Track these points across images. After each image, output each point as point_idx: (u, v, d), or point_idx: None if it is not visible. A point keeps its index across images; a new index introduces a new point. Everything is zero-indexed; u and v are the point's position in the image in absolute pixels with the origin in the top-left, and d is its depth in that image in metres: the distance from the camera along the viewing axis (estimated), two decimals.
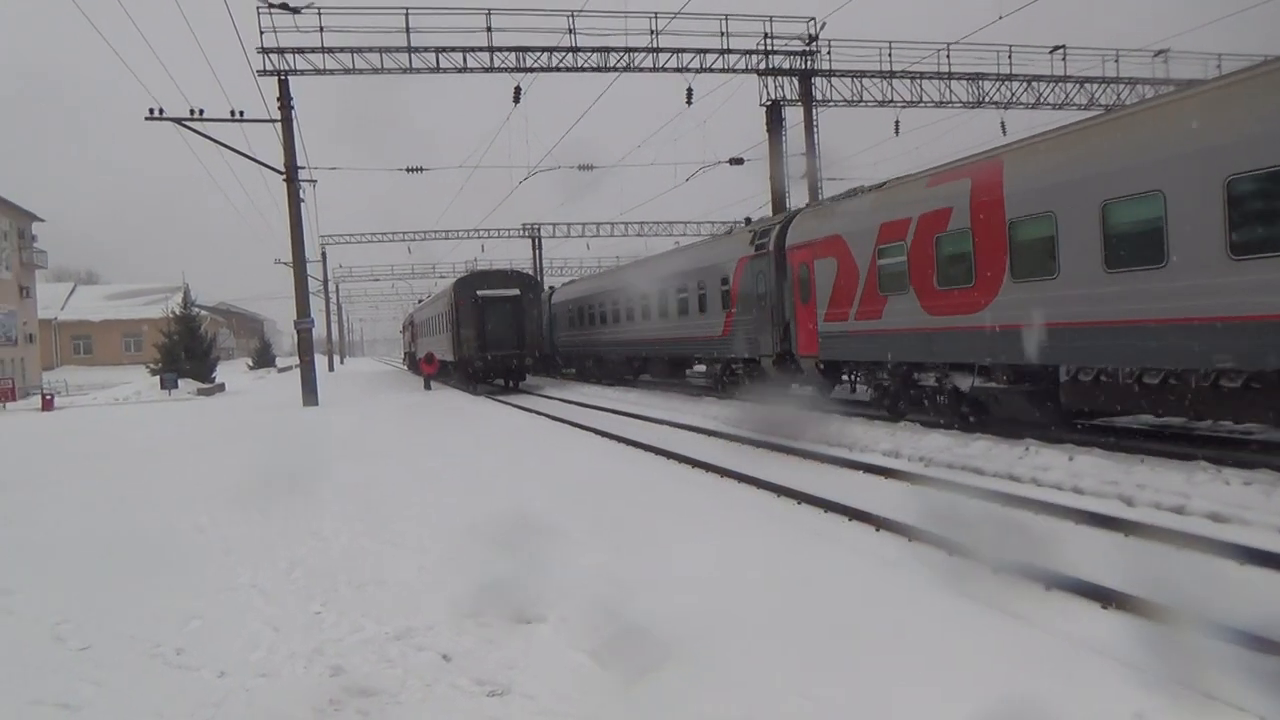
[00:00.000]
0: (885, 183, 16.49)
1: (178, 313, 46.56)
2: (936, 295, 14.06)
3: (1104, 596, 6.16)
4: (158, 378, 41.51)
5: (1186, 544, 7.44)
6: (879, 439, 14.03)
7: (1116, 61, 31.59)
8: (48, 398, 36.93)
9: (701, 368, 27.83)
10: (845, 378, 18.36)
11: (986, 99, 31.14)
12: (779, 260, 19.42)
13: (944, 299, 13.88)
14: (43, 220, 53.22)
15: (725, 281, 22.15)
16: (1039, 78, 31.28)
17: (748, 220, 26.19)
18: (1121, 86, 31.68)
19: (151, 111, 25.73)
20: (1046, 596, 6.43)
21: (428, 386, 36.75)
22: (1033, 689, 4.47)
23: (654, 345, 28.27)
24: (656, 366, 29.85)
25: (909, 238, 14.64)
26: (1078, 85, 31.52)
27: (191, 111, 25.96)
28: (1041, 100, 31.39)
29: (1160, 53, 31.35)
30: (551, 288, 46.22)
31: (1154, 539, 7.70)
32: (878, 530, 8.75)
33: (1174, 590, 5.98)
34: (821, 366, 18.09)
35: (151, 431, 23.33)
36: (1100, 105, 30.59)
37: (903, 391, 15.76)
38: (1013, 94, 31.23)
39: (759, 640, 5.32)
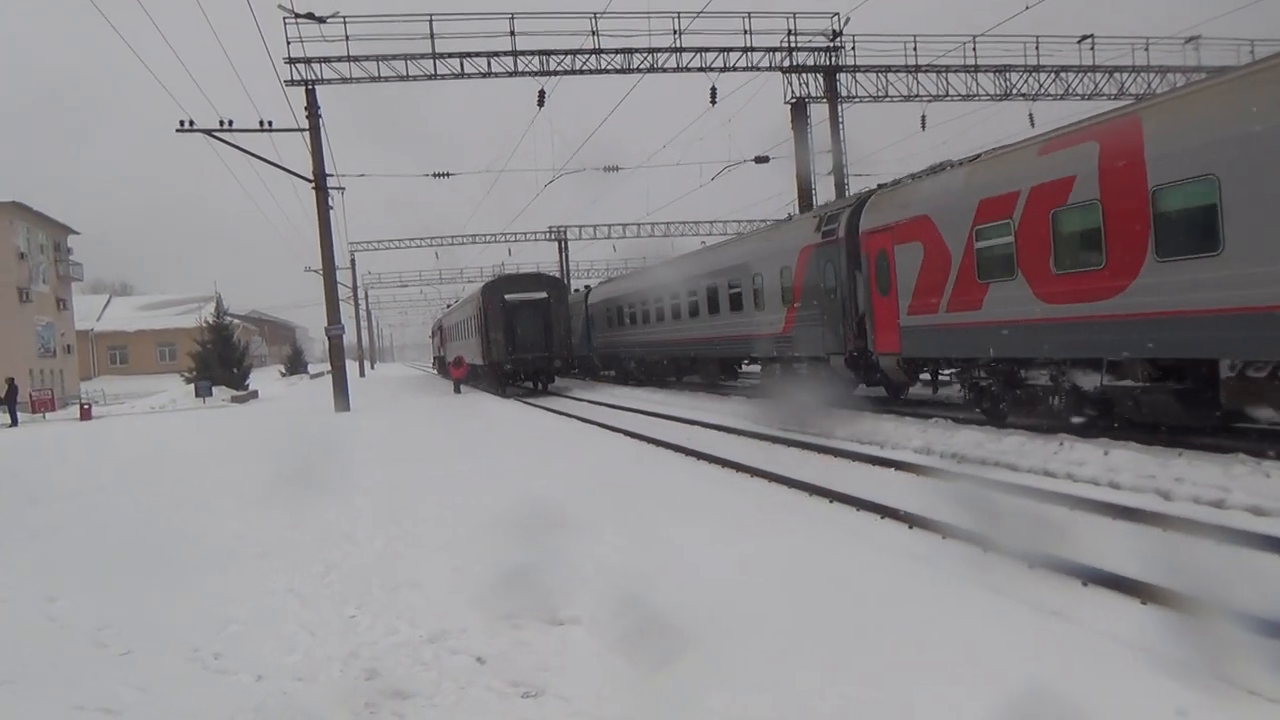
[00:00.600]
0: (979, 155, 14.60)
1: (211, 322, 47.19)
2: (1054, 280, 12.19)
3: (1142, 592, 6.08)
4: (192, 386, 42.10)
5: (1226, 538, 7.32)
6: (910, 436, 13.93)
7: (1146, 50, 31.16)
8: (86, 407, 37.56)
9: (750, 368, 26.72)
10: (924, 377, 16.97)
11: (1014, 91, 30.80)
12: (851, 247, 17.46)
13: (1064, 284, 12.01)
14: (78, 233, 54.16)
15: (786, 274, 20.16)
16: (1067, 68, 30.90)
17: (805, 210, 24.57)
18: (1152, 75, 31.24)
19: (182, 123, 26.09)
20: (1084, 592, 6.35)
21: (457, 390, 36.98)
22: (1072, 686, 4.41)
23: (703, 345, 26.48)
24: (706, 368, 27.97)
25: (1016, 215, 12.77)
26: (1107, 75, 31.11)
27: (221, 123, 26.29)
28: (1070, 91, 31.02)
29: (1191, 39, 30.88)
30: (587, 287, 44.96)
31: (1193, 533, 7.58)
32: (910, 528, 8.68)
33: (1214, 585, 5.88)
34: (903, 365, 16.40)
35: (187, 439, 23.65)
36: (1130, 95, 30.18)
37: (1006, 392, 13.96)
38: (1040, 85, 30.88)
39: (791, 640, 5.30)
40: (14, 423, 34.81)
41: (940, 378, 16.85)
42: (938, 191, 14.95)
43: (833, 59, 29.56)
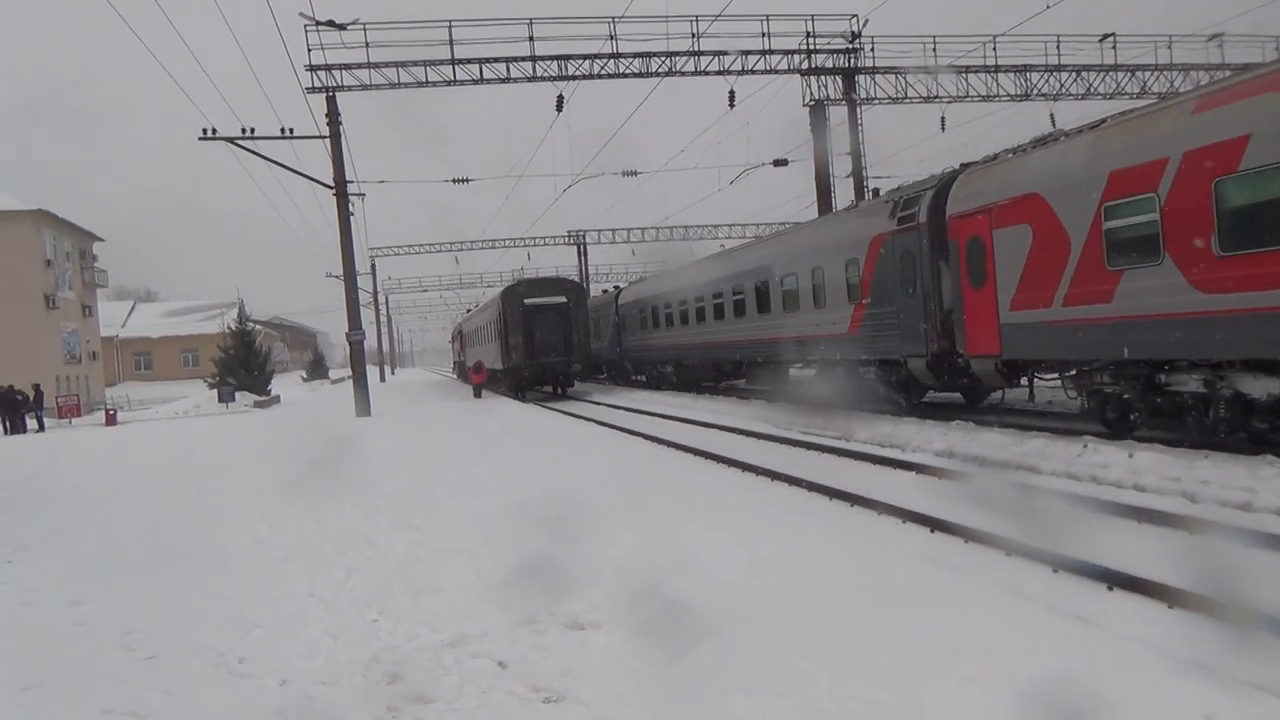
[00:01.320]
0: (1104, 120, 12.66)
1: (233, 328, 47.53)
2: (1217, 265, 10.05)
3: (1168, 596, 6.01)
4: (215, 391, 42.44)
5: (1253, 542, 7.23)
6: (932, 439, 13.85)
7: (1169, 48, 30.88)
8: (111, 413, 37.95)
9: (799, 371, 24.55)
10: (1023, 382, 15.26)
11: (1035, 91, 30.61)
12: (935, 234, 15.38)
13: (1232, 269, 9.86)
14: (103, 240, 54.78)
15: (852, 268, 17.92)
16: (1088, 67, 30.67)
17: (875, 192, 21.53)
18: (1175, 73, 30.96)
19: (205, 131, 26.35)
20: (1109, 596, 6.30)
21: (478, 395, 37.10)
22: (1097, 690, 4.37)
23: (749, 348, 24.20)
24: (754, 372, 26.10)
25: (1163, 187, 10.66)
26: (1129, 74, 30.86)
27: (243, 130, 26.53)
28: (1092, 90, 30.79)
29: (1215, 37, 30.58)
30: (617, 287, 43.37)
31: (1219, 537, 7.49)
32: (932, 531, 8.63)
33: (1241, 589, 5.81)
34: (1002, 369, 14.35)
35: (210, 444, 23.84)
36: (1153, 93, 29.92)
37: (1140, 400, 11.91)
38: (1062, 85, 30.67)
39: (812, 644, 5.28)
40: (41, 428, 35.23)
41: (1038, 380, 15.27)
42: (1051, 165, 12.93)
43: (851, 61, 29.48)
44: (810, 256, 20.21)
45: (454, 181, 38.01)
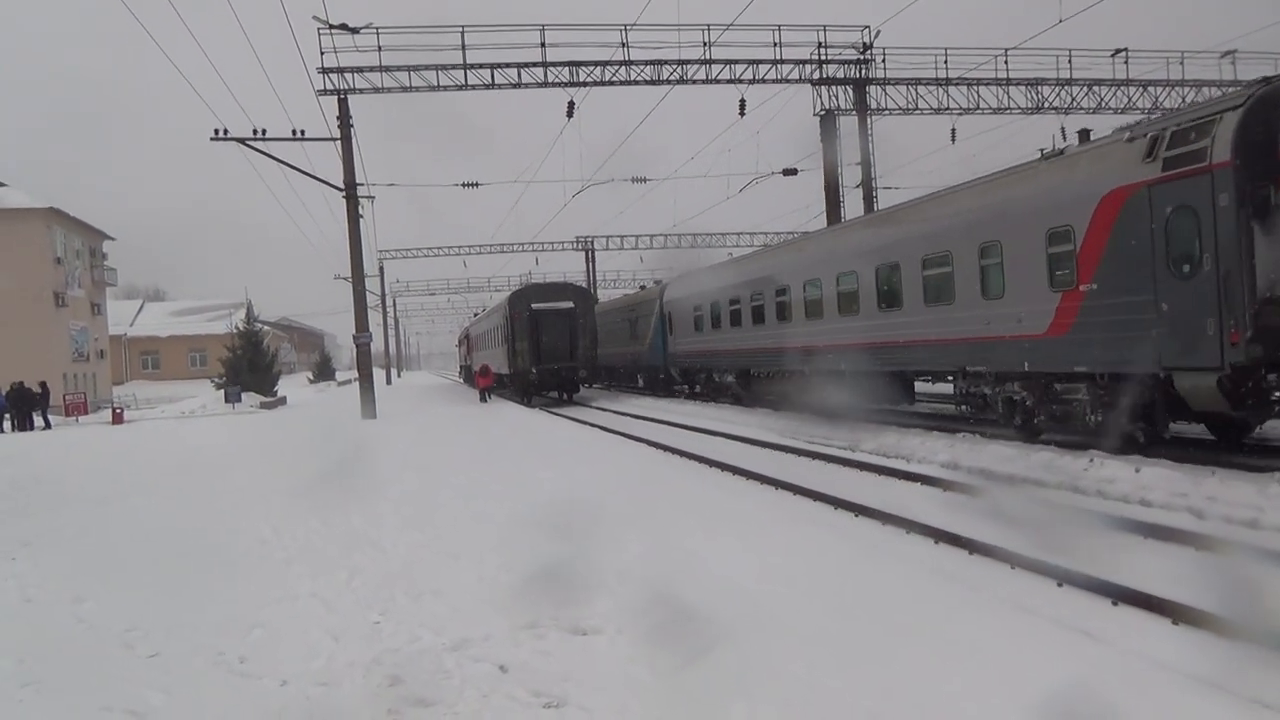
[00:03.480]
0: None
1: (241, 328, 47.63)
2: None
3: (1174, 611, 5.97)
4: (222, 391, 42.51)
5: (1260, 558, 7.18)
6: (937, 450, 13.81)
7: (1181, 63, 30.86)
8: (118, 411, 38.03)
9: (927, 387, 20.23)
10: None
11: (1046, 104, 30.60)
12: (1247, 180, 10.27)
13: None
14: (113, 239, 54.93)
15: (1060, 240, 12.70)
16: (1100, 82, 30.66)
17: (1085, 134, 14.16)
18: (1187, 89, 30.92)
19: (216, 132, 26.44)
20: (1114, 611, 6.26)
21: (484, 399, 37.12)
22: (1101, 705, 4.34)
23: (866, 355, 18.00)
24: (874, 386, 18.11)
25: None
26: (1141, 89, 30.84)
27: (255, 131, 26.61)
28: (1103, 105, 30.76)
29: (1228, 53, 30.54)
30: (658, 282, 37.43)
31: (1226, 553, 7.45)
32: (936, 543, 8.59)
33: (1247, 606, 5.77)
34: None
35: (216, 444, 23.86)
36: (1164, 108, 29.87)
37: None
38: (1073, 99, 30.65)
39: (815, 653, 5.25)
40: (46, 426, 35.31)
41: None
42: None
43: (863, 71, 29.51)
44: (976, 230, 14.58)
45: (463, 186, 38.07)
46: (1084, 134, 14.22)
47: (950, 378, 16.56)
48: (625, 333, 37.44)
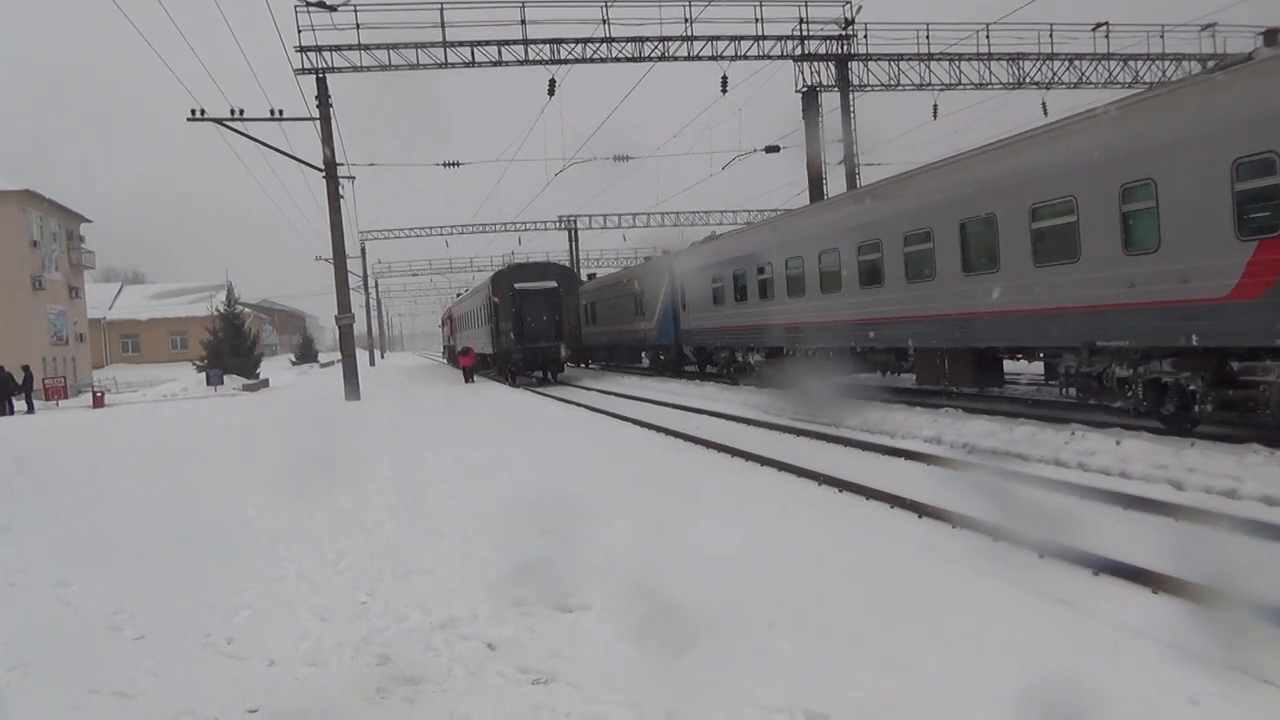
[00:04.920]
0: None
1: (222, 310, 47.35)
2: None
3: (1153, 581, 6.05)
4: (203, 374, 42.30)
5: (1238, 528, 7.28)
6: (920, 425, 13.90)
7: (1162, 37, 30.89)
8: (99, 395, 37.76)
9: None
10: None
11: (1027, 79, 30.61)
12: None
13: None
14: (90, 221, 54.30)
15: (1259, 170, 9.78)
16: (1081, 56, 30.68)
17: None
18: (1167, 63, 31.00)
19: (194, 112, 26.12)
20: (1094, 581, 6.34)
21: (468, 380, 37.09)
22: (1082, 673, 4.41)
23: (941, 327, 15.31)
24: (955, 366, 15.52)
25: None
26: (1121, 63, 30.88)
27: (232, 111, 26.33)
28: (1084, 79, 30.80)
29: (1207, 26, 30.62)
30: (666, 252, 33.56)
31: (1205, 523, 7.55)
32: (920, 517, 8.66)
33: (1226, 574, 5.85)
34: None
35: (199, 427, 23.76)
36: (1145, 82, 29.97)
37: None
38: (1054, 74, 30.67)
39: (801, 628, 5.30)
40: (30, 410, 35.04)
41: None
42: None
43: (844, 47, 29.42)
44: (1115, 169, 11.58)
45: (444, 165, 37.83)
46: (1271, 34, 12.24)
47: (1041, 356, 14.35)
48: (629, 309, 34.50)
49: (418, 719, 4.49)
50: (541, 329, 33.45)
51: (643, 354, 36.10)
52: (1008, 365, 15.92)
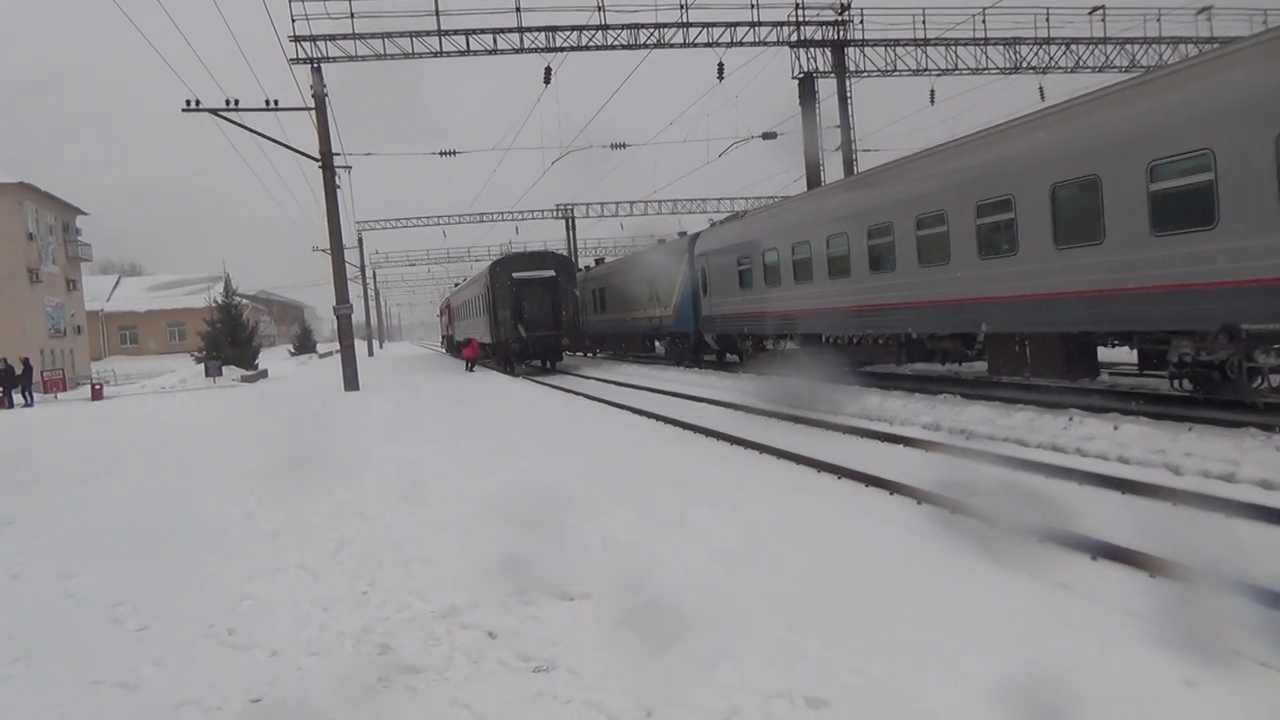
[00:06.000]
0: None
1: (220, 302, 47.29)
2: None
3: (1151, 565, 6.08)
4: (202, 366, 42.28)
5: (1236, 512, 7.31)
6: (919, 412, 13.92)
7: (1158, 21, 30.85)
8: (97, 387, 37.74)
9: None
10: None
11: (1024, 64, 30.56)
12: None
13: None
14: (86, 214, 54.18)
15: None
16: (1077, 40, 30.64)
17: None
18: (1164, 46, 30.94)
19: (189, 103, 26.02)
20: (1092, 566, 6.36)
21: (470, 368, 37.18)
22: (1080, 657, 4.44)
23: (1035, 310, 13.03)
24: (1041, 355, 13.41)
25: None
26: (1118, 47, 30.83)
27: (227, 102, 26.21)
28: (1081, 64, 30.75)
29: (1204, 9, 30.56)
30: (683, 233, 32.34)
31: (1202, 507, 7.57)
32: (919, 503, 8.68)
33: (1223, 559, 5.89)
34: None
35: (198, 419, 23.77)
36: (1141, 66, 29.91)
37: None
38: (1051, 58, 30.62)
39: (799, 614, 5.33)
40: (29, 403, 35.04)
41: None
42: None
43: (841, 33, 29.34)
44: (1268, 113, 9.48)
45: (440, 154, 37.78)
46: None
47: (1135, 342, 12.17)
48: (642, 295, 32.26)
49: (419, 708, 4.51)
50: (540, 318, 33.44)
51: (656, 343, 34.42)
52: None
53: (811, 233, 19.58)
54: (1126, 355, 13.54)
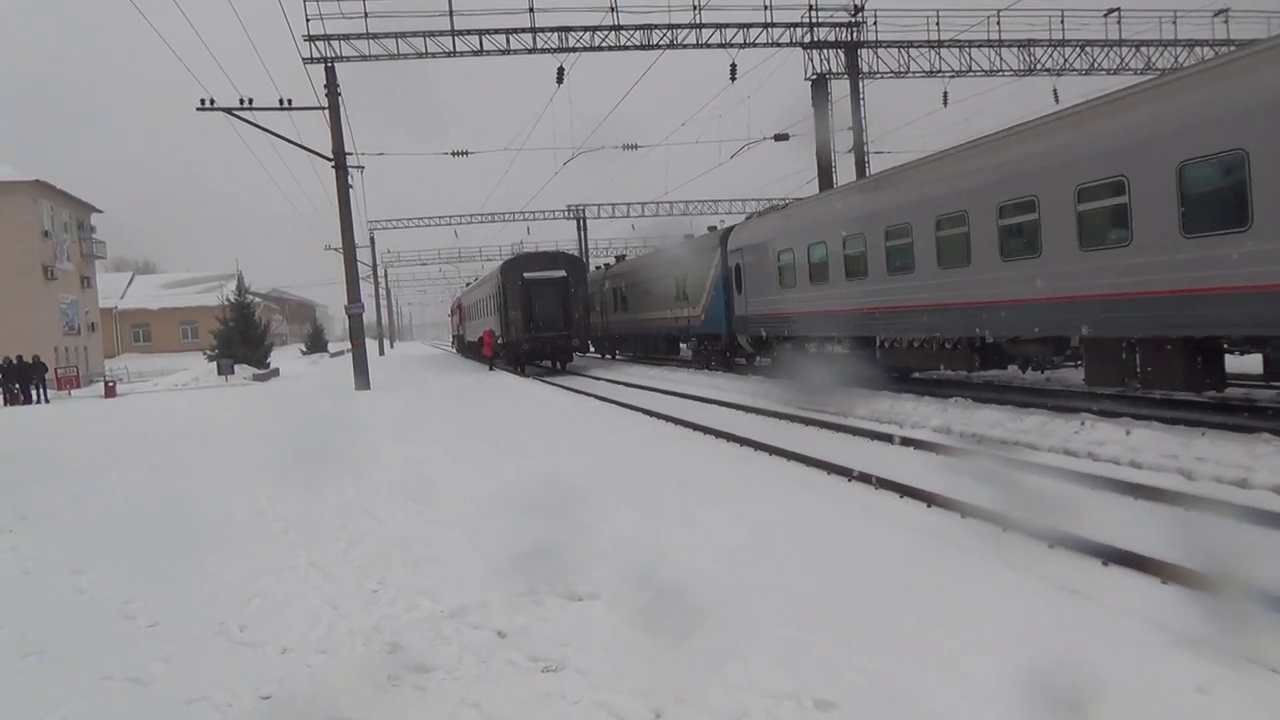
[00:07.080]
0: None
1: (232, 300, 47.50)
2: None
3: (1163, 571, 6.05)
4: (214, 364, 42.46)
5: (1249, 518, 7.26)
6: (929, 415, 13.87)
7: (1174, 23, 30.69)
8: (110, 385, 37.95)
9: None
10: None
11: (1038, 66, 30.44)
12: None
13: None
14: (101, 211, 54.53)
15: None
16: (1092, 42, 30.50)
17: None
18: (1180, 49, 30.77)
19: (203, 102, 26.14)
20: (1104, 571, 6.33)
21: (491, 368, 37.23)
22: (1091, 662, 4.41)
23: (1148, 310, 11.19)
24: (1160, 360, 11.53)
25: None
26: (1133, 49, 30.69)
27: (241, 101, 26.33)
28: (1096, 66, 30.61)
29: (1220, 12, 30.38)
30: (712, 228, 30.35)
31: (1215, 513, 7.53)
32: (929, 506, 8.65)
33: (1236, 564, 5.84)
34: None
35: (210, 416, 23.87)
36: (1156, 69, 29.76)
37: None
38: (1065, 60, 30.49)
39: (808, 615, 5.31)
40: (44, 399, 35.27)
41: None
42: None
43: (854, 34, 29.29)
44: None
45: (453, 154, 37.87)
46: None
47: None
48: (668, 294, 30.52)
49: (429, 707, 4.52)
50: (551, 318, 33.45)
51: (682, 345, 32.13)
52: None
53: (867, 225, 17.72)
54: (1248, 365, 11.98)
